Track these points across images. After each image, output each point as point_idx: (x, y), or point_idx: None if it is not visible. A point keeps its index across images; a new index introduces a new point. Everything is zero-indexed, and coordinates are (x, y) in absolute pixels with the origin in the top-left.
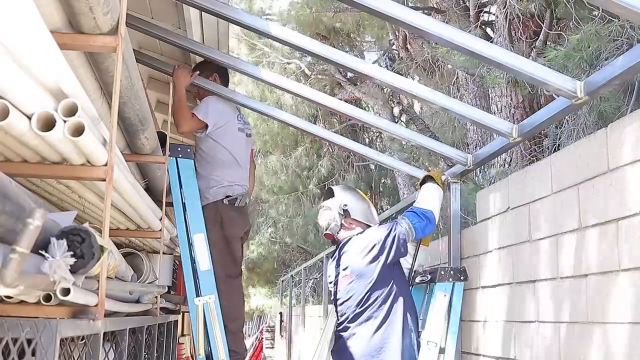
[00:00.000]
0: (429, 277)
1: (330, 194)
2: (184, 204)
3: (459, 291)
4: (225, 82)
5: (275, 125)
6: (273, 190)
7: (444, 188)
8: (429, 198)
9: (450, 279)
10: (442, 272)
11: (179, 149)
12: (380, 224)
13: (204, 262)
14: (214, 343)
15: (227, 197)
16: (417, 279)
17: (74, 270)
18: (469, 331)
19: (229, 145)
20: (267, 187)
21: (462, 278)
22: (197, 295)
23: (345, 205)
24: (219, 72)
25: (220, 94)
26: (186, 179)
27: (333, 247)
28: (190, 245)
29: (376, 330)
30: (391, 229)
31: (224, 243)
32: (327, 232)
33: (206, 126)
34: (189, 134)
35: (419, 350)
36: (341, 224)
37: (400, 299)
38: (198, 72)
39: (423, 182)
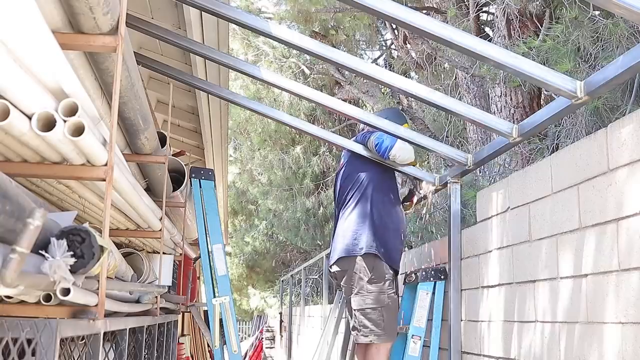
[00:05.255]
0: (414, 277)
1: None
2: (205, 218)
3: (440, 290)
4: None
5: (272, 123)
6: (263, 185)
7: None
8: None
9: (432, 279)
10: (424, 273)
11: (202, 172)
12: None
13: (221, 268)
14: (227, 336)
15: None
16: (406, 279)
17: (74, 270)
18: (470, 331)
19: None
20: (259, 181)
21: (442, 277)
22: (214, 296)
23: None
24: None
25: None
26: (207, 197)
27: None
28: (209, 253)
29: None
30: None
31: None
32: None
33: None
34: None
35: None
36: None
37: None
38: None
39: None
